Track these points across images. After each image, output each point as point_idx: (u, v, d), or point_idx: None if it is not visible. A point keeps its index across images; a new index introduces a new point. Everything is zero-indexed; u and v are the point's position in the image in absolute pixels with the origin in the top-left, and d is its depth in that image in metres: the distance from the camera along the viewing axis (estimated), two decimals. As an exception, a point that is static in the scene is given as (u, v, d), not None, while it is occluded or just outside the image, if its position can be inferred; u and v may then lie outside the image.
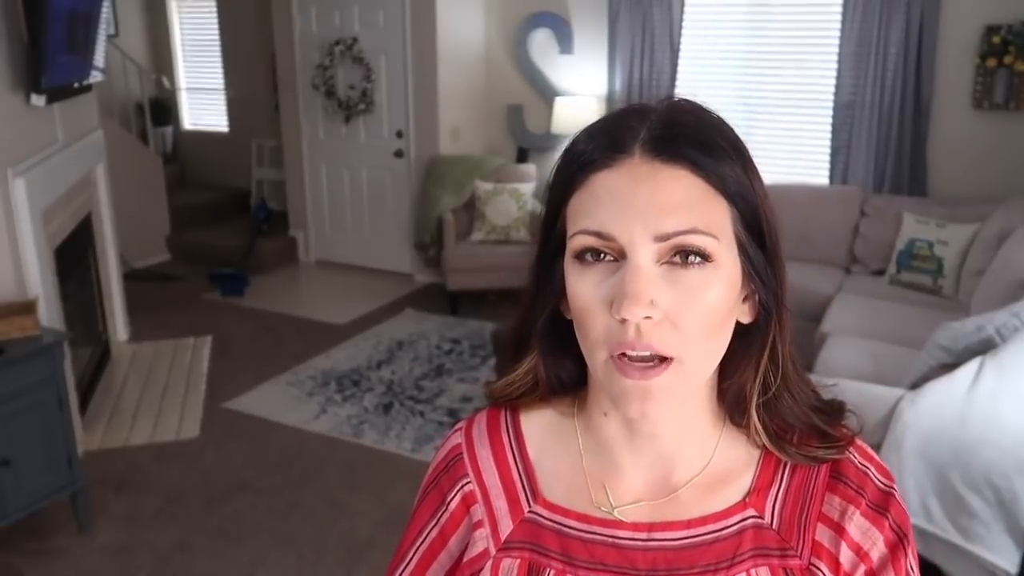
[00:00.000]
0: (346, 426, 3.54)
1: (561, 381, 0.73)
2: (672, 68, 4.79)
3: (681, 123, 0.62)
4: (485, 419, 0.77)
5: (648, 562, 0.68)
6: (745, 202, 0.62)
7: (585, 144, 0.64)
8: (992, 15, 4.01)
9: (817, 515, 0.67)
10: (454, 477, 0.75)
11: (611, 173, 0.61)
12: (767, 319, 0.66)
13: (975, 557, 2.21)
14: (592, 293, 0.61)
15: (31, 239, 2.89)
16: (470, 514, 0.73)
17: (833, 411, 0.70)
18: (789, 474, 0.69)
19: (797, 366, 0.69)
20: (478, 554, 0.72)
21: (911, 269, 3.92)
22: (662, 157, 0.61)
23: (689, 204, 0.60)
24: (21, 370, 2.55)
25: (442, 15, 5.06)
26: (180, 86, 7.38)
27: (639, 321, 0.58)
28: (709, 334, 0.61)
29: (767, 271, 0.64)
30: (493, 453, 0.75)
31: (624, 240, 0.60)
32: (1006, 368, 2.22)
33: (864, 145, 4.36)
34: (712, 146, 0.61)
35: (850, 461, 0.68)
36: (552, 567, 0.69)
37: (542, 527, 0.71)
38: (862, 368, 2.89)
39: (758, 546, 0.67)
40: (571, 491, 0.71)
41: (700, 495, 0.69)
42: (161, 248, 6.08)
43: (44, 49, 2.86)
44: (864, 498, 0.67)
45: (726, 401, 0.69)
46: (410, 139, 5.35)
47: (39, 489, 2.63)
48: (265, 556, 2.67)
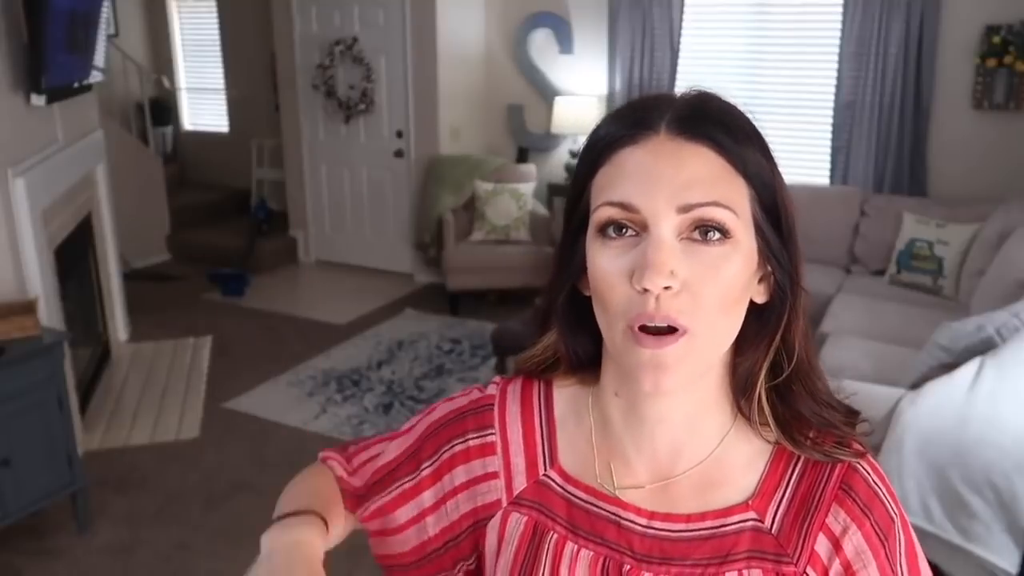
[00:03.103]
0: (346, 426, 3.54)
1: (579, 358, 0.74)
2: (672, 68, 4.79)
3: (706, 107, 0.65)
4: (521, 382, 0.79)
5: (644, 547, 0.69)
6: (763, 184, 0.64)
7: (609, 126, 0.66)
8: (992, 15, 4.01)
9: (820, 525, 0.67)
10: (481, 423, 0.78)
11: (636, 149, 0.63)
12: (782, 299, 0.66)
13: (975, 557, 2.21)
14: (613, 265, 0.62)
15: (31, 239, 2.89)
16: (484, 462, 0.76)
17: (848, 412, 0.70)
18: (797, 478, 0.69)
19: (813, 358, 0.69)
20: (491, 502, 0.75)
21: (911, 269, 3.92)
22: (686, 135, 0.63)
23: (711, 179, 0.62)
24: (21, 370, 2.55)
25: (442, 15, 5.06)
26: (180, 86, 7.38)
27: (659, 292, 0.60)
28: (724, 308, 0.62)
29: (783, 252, 0.65)
30: (522, 412, 0.77)
31: (647, 211, 0.61)
32: (1006, 368, 2.22)
33: (864, 145, 4.36)
34: (734, 129, 0.64)
35: (862, 477, 0.68)
36: (556, 531, 0.72)
37: (552, 492, 0.73)
38: (862, 368, 2.89)
39: (754, 548, 0.67)
40: (582, 464, 0.73)
41: (702, 488, 0.69)
42: (161, 248, 6.08)
43: (44, 49, 2.86)
44: (869, 520, 0.66)
45: (735, 382, 0.69)
46: (410, 139, 5.35)
47: (39, 489, 2.63)
48: (265, 556, 2.67)
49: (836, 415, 0.69)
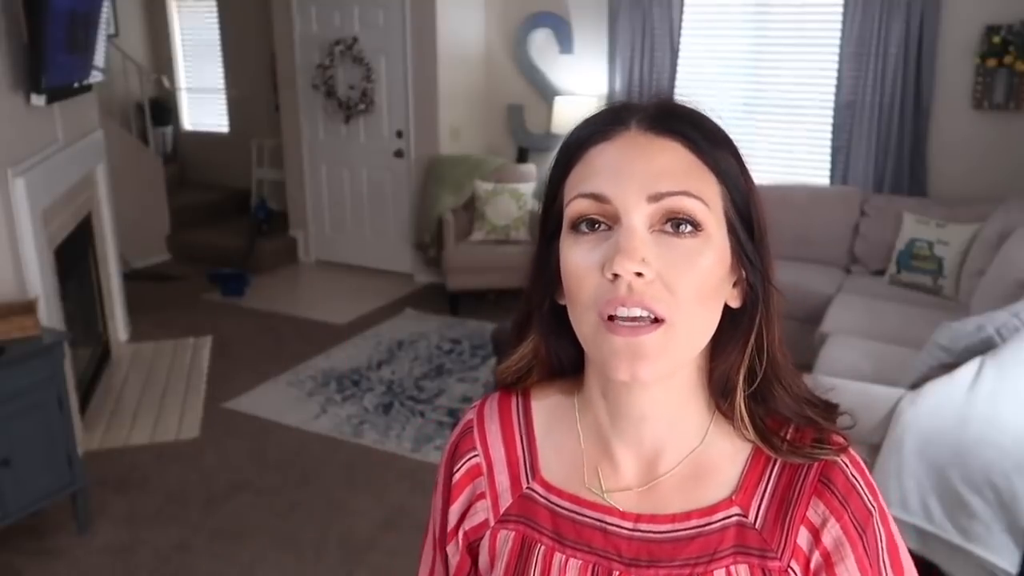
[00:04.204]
0: (346, 426, 3.54)
1: (561, 363, 0.75)
2: (672, 68, 4.79)
3: (677, 108, 0.67)
4: (498, 398, 0.80)
5: (632, 551, 0.69)
6: (735, 186, 0.65)
7: (582, 129, 0.68)
8: (992, 15, 4.01)
9: (801, 518, 0.67)
10: (464, 450, 0.78)
11: (608, 145, 0.65)
12: (755, 302, 0.67)
13: (975, 557, 2.21)
14: (585, 259, 0.63)
15: (31, 239, 2.89)
16: (473, 485, 0.77)
17: (827, 406, 0.71)
18: (777, 473, 0.69)
19: (787, 356, 0.70)
20: (479, 523, 0.76)
21: (911, 269, 3.92)
22: (656, 130, 0.64)
23: (682, 170, 0.63)
24: (21, 370, 2.55)
25: (442, 15, 5.06)
26: (180, 86, 7.38)
27: (631, 279, 0.59)
28: (701, 300, 0.62)
29: (755, 255, 0.66)
30: (502, 429, 0.78)
31: (618, 201, 0.62)
32: (1006, 368, 2.22)
33: (864, 145, 4.36)
34: (705, 129, 0.65)
35: (841, 470, 0.68)
36: (543, 543, 0.72)
37: (537, 504, 0.73)
38: (862, 368, 2.89)
39: (739, 544, 0.67)
40: (567, 472, 0.73)
41: (686, 487, 0.69)
42: (161, 248, 6.08)
43: (44, 49, 2.86)
44: (847, 511, 0.67)
45: (713, 385, 0.69)
46: (410, 139, 5.35)
47: (39, 489, 2.63)
48: (265, 556, 2.67)
49: (816, 410, 0.69)
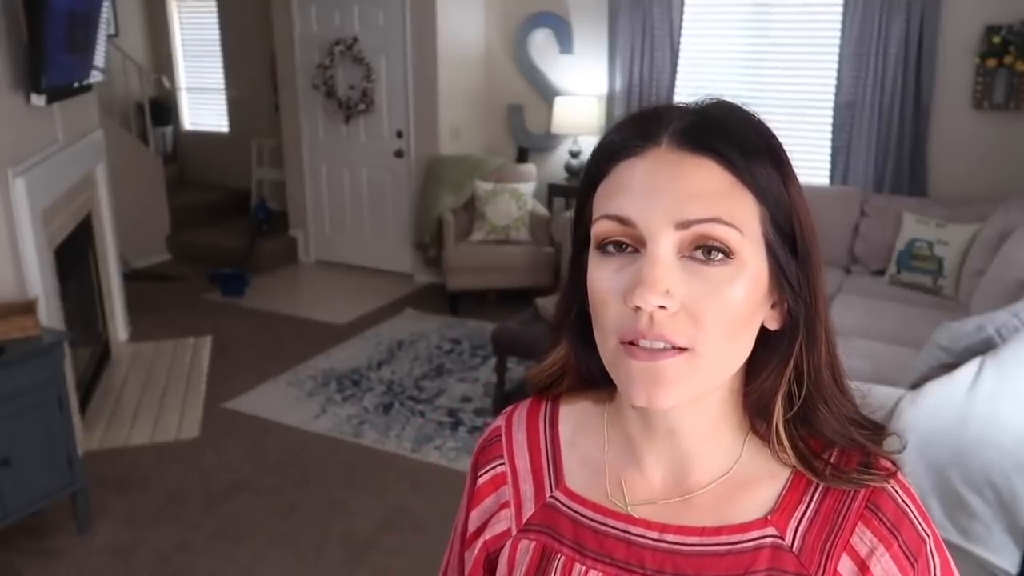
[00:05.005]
0: (346, 426, 3.54)
1: (591, 372, 0.72)
2: (672, 68, 4.79)
3: (714, 118, 0.61)
4: (528, 405, 0.79)
5: (656, 563, 0.66)
6: (777, 203, 0.60)
7: (614, 135, 0.63)
8: (992, 15, 4.01)
9: (844, 544, 0.63)
10: (489, 457, 0.78)
11: (637, 161, 0.60)
12: (794, 328, 0.63)
13: (975, 557, 2.21)
14: (608, 283, 0.60)
15: (31, 239, 2.89)
16: (497, 494, 0.75)
17: (876, 427, 0.67)
18: (820, 496, 0.65)
19: (839, 377, 0.65)
20: (500, 532, 0.74)
21: (911, 269, 3.92)
22: (689, 147, 0.59)
23: (714, 194, 0.58)
24: (21, 370, 2.55)
25: (442, 15, 5.06)
26: (180, 86, 7.38)
27: (652, 310, 0.57)
28: (731, 333, 0.59)
29: (798, 278, 0.61)
30: (528, 437, 0.76)
31: (644, 227, 0.58)
32: (1006, 368, 2.22)
33: (864, 145, 4.36)
34: (744, 142, 0.60)
35: (890, 496, 0.64)
36: (563, 553, 0.70)
37: (559, 513, 0.71)
38: (862, 368, 2.89)
39: (774, 567, 0.63)
40: (591, 481, 0.71)
41: (718, 502, 0.66)
42: (161, 248, 6.08)
43: (44, 49, 2.86)
44: (898, 540, 0.63)
45: (748, 407, 0.66)
46: (410, 139, 5.35)
47: (39, 489, 2.63)
48: (265, 556, 2.67)
49: (863, 433, 0.65)
